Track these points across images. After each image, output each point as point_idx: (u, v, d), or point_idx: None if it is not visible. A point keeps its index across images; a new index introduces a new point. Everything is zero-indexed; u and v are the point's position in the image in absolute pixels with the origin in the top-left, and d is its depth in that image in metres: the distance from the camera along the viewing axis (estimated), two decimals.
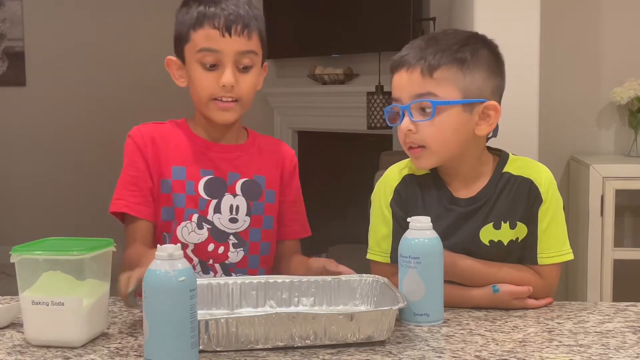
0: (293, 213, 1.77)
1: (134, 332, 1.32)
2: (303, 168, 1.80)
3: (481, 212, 1.52)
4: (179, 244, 1.16)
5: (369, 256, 1.58)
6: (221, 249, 1.65)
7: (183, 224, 1.62)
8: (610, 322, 1.37)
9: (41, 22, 5.38)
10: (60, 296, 1.25)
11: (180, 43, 1.65)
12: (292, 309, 1.41)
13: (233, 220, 1.65)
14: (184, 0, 1.66)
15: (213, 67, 1.60)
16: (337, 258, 1.52)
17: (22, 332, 1.31)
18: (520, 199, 1.52)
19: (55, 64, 5.37)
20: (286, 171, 1.75)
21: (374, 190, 1.61)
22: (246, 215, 1.66)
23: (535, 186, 1.52)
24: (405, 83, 1.50)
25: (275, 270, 1.70)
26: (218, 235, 1.64)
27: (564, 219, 1.55)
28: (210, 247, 1.64)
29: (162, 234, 1.64)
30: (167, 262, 1.11)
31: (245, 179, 1.67)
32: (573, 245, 1.56)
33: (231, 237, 1.65)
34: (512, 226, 1.51)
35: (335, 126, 4.74)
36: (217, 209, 1.64)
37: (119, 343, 1.28)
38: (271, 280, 1.44)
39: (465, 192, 1.54)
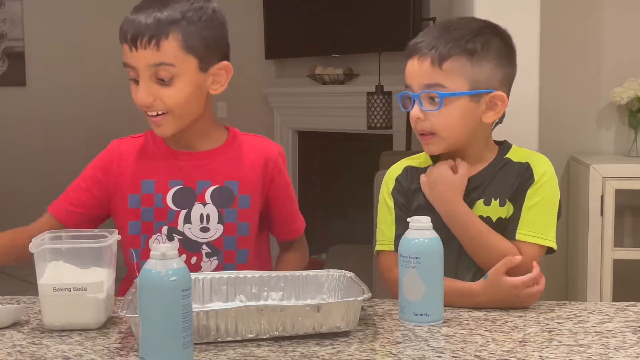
0: (282, 213, 1.74)
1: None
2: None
3: (477, 191, 1.56)
4: (175, 244, 1.16)
5: (376, 248, 1.60)
6: (194, 259, 1.63)
7: (154, 236, 1.62)
8: (610, 322, 1.37)
9: (41, 22, 5.38)
10: (83, 281, 1.32)
11: None
12: (262, 302, 1.43)
13: (204, 230, 1.63)
14: None
15: (137, 81, 1.57)
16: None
17: (23, 332, 1.32)
18: (514, 178, 1.55)
19: (55, 64, 5.37)
20: (268, 171, 1.68)
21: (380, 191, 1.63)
22: (218, 223, 1.63)
23: (530, 168, 1.56)
24: (416, 72, 1.53)
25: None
26: (190, 246, 1.63)
27: (555, 210, 1.56)
28: (182, 257, 1.63)
29: (129, 250, 1.63)
30: (159, 262, 1.12)
31: (215, 187, 1.64)
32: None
33: (204, 246, 1.63)
34: (502, 204, 1.54)
35: (335, 126, 4.74)
36: (187, 219, 1.62)
37: (119, 343, 1.28)
38: (241, 275, 1.48)
39: None
